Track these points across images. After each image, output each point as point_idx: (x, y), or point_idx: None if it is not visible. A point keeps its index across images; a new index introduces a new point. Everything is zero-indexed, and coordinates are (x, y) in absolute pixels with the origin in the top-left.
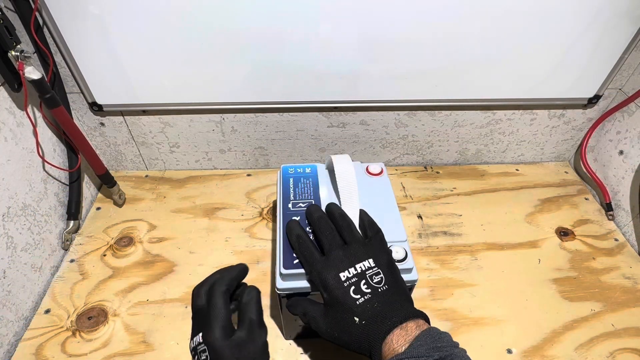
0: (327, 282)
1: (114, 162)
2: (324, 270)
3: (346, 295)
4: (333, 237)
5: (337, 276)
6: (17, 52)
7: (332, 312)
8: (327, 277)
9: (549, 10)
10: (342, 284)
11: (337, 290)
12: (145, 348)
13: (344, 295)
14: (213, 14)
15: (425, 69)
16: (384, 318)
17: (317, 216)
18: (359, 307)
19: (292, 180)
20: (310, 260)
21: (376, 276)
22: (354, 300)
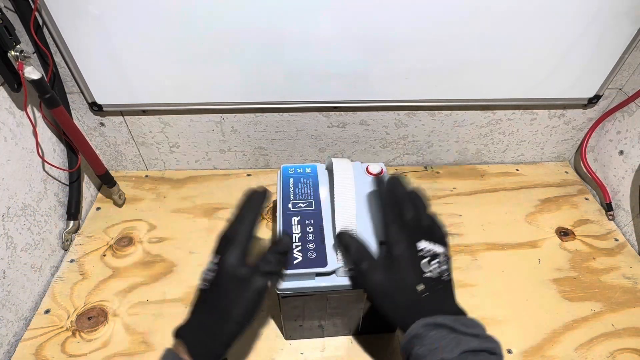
0: (404, 239)
1: (114, 162)
2: (405, 229)
3: (417, 262)
4: (419, 213)
5: (414, 242)
6: (17, 52)
7: (398, 268)
8: (406, 236)
9: (549, 11)
10: (416, 250)
11: (413, 252)
12: (145, 348)
13: (416, 260)
14: (213, 14)
15: (425, 69)
16: (439, 302)
17: (404, 191)
18: (425, 280)
19: (292, 180)
20: (396, 220)
21: (445, 265)
22: (421, 272)
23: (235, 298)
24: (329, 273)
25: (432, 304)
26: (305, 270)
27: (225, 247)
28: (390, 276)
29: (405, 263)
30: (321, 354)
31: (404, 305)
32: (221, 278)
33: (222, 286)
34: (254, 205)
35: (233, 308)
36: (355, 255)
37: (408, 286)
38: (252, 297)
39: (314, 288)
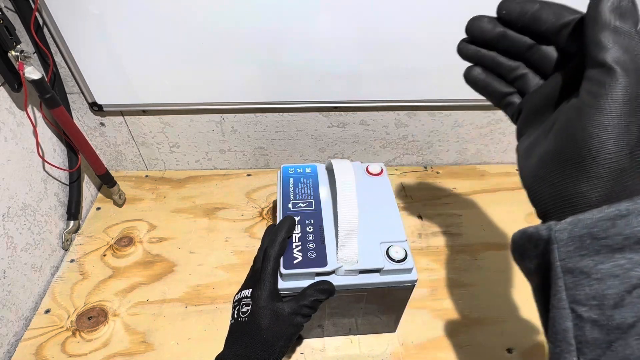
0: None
1: (114, 162)
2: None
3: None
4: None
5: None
6: (17, 52)
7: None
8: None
9: None
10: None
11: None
12: (145, 348)
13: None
14: (213, 14)
15: (425, 69)
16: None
17: None
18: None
19: (292, 180)
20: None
21: (245, 306)
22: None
23: (279, 332)
24: (328, 273)
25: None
26: (305, 270)
27: (258, 283)
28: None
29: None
30: (321, 354)
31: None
32: (260, 312)
33: (262, 320)
34: (278, 238)
35: (276, 342)
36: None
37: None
38: (293, 331)
39: None
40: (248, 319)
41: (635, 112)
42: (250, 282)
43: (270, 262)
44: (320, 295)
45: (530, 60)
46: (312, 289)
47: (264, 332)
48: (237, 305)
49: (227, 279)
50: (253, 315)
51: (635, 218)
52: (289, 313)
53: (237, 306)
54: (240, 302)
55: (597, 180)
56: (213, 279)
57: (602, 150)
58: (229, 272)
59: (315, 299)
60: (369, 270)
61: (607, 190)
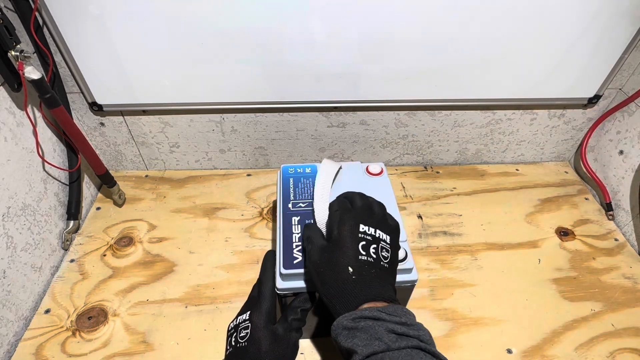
0: (344, 223)
1: (114, 162)
2: (348, 213)
3: (354, 244)
4: (370, 202)
5: (357, 224)
6: (17, 52)
7: (333, 249)
8: (347, 219)
9: (549, 10)
10: (358, 233)
11: (350, 235)
12: (145, 348)
13: (353, 242)
14: (213, 14)
15: (425, 69)
16: (371, 287)
17: (361, 194)
18: (358, 262)
19: (292, 180)
20: (342, 207)
21: (385, 252)
22: (358, 254)
23: (279, 355)
24: None
25: (360, 287)
26: (305, 270)
27: (255, 307)
28: (325, 255)
29: (341, 243)
30: (321, 355)
31: (335, 287)
32: (259, 335)
33: (263, 343)
34: (271, 268)
35: None
36: (307, 239)
37: (339, 266)
38: (292, 351)
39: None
40: (248, 344)
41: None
42: (246, 307)
43: (265, 286)
44: (305, 305)
45: None
46: (297, 302)
47: (264, 355)
48: (234, 332)
49: (227, 279)
50: (253, 338)
51: (337, 339)
52: (284, 331)
53: (234, 333)
54: (237, 328)
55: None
56: (213, 279)
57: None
58: (229, 272)
59: (302, 309)
60: None
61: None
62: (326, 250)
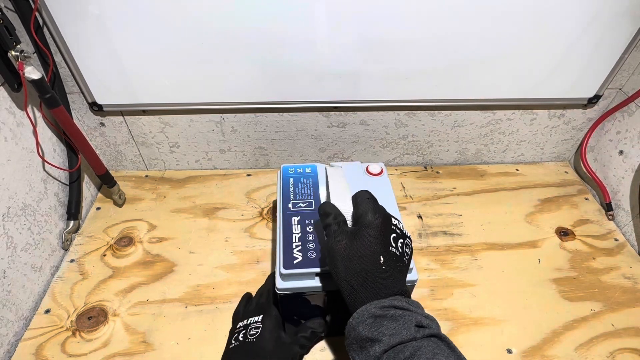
0: (379, 212)
1: (114, 162)
2: (379, 205)
3: (388, 234)
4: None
5: (389, 216)
6: (17, 52)
7: (366, 235)
8: (381, 209)
9: (549, 10)
10: (391, 224)
11: (384, 224)
12: (145, 348)
13: (387, 231)
14: (213, 14)
15: (425, 69)
16: (397, 279)
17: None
18: (388, 253)
19: (292, 180)
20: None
21: (408, 249)
22: (389, 245)
23: (279, 358)
24: (328, 273)
25: (387, 281)
26: (305, 270)
27: (266, 312)
28: (356, 241)
29: (375, 231)
30: (321, 354)
31: (361, 272)
32: (268, 336)
33: (269, 344)
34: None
35: None
36: (330, 219)
37: (372, 253)
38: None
39: (313, 288)
40: (256, 341)
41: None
42: (257, 311)
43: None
44: (317, 329)
45: None
46: (310, 323)
47: (268, 354)
48: (244, 330)
49: (227, 279)
50: (261, 337)
51: (356, 328)
52: (290, 342)
53: (242, 330)
54: (248, 327)
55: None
56: (213, 279)
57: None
58: (229, 272)
59: (312, 331)
60: None
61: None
62: (356, 235)
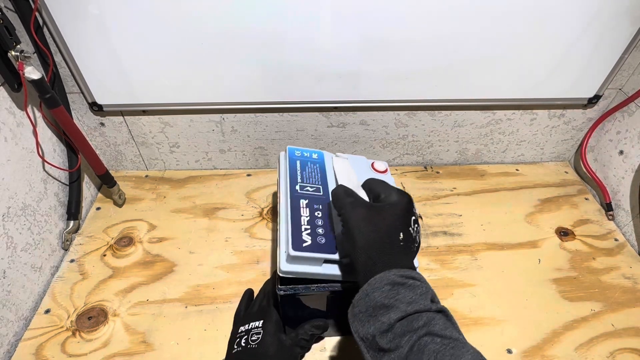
0: (402, 193)
1: (114, 162)
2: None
3: (409, 214)
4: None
5: (412, 201)
6: (17, 52)
7: (389, 210)
8: (403, 192)
9: (549, 10)
10: (412, 207)
11: (407, 204)
12: (145, 348)
13: (409, 211)
14: (213, 14)
15: (425, 69)
16: (411, 258)
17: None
18: (407, 232)
19: (299, 162)
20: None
21: (419, 236)
22: (409, 225)
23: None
24: (336, 261)
25: (402, 257)
26: (314, 254)
27: (267, 316)
28: (379, 214)
29: (400, 209)
30: (321, 354)
31: (381, 244)
32: (269, 340)
33: (270, 348)
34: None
35: None
36: (344, 193)
37: (394, 228)
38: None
39: (319, 275)
40: (258, 346)
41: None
42: (258, 315)
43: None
44: (316, 330)
45: None
46: (310, 325)
47: (270, 358)
48: (245, 335)
49: (227, 279)
50: (263, 342)
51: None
52: (290, 345)
53: (244, 335)
54: (249, 332)
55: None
56: (213, 279)
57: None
58: (229, 272)
59: (312, 333)
60: None
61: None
62: (378, 209)
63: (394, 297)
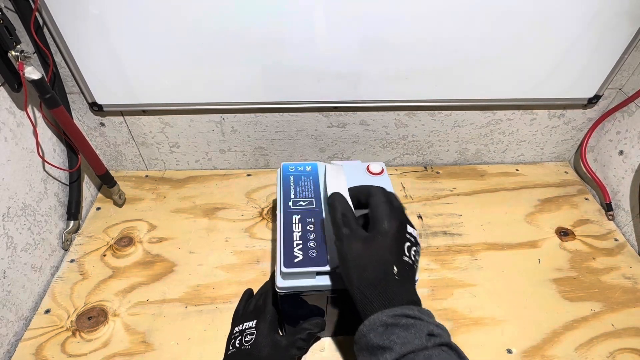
0: (395, 218)
1: (114, 162)
2: (396, 210)
3: (402, 243)
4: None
5: (404, 223)
6: (17, 52)
7: (381, 244)
8: (397, 216)
9: (549, 11)
10: (405, 232)
11: (399, 232)
12: (145, 348)
13: (401, 240)
14: (213, 15)
15: (425, 69)
16: (409, 289)
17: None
18: (401, 262)
19: (292, 178)
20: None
21: (418, 256)
22: (403, 254)
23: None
24: (329, 272)
25: (398, 290)
26: (306, 269)
27: (261, 316)
28: (371, 248)
29: (391, 240)
30: (321, 354)
31: (374, 281)
32: (262, 341)
33: (264, 350)
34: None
35: None
36: (340, 218)
37: (385, 263)
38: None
39: (314, 287)
40: (251, 348)
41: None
42: (253, 315)
43: (270, 298)
44: (313, 329)
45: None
46: (307, 324)
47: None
48: (239, 336)
49: (227, 279)
50: (256, 343)
51: (367, 335)
52: (286, 345)
53: (238, 336)
54: (243, 332)
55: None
56: (213, 279)
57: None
58: (229, 272)
59: (309, 332)
60: None
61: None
62: (370, 242)
63: (389, 339)
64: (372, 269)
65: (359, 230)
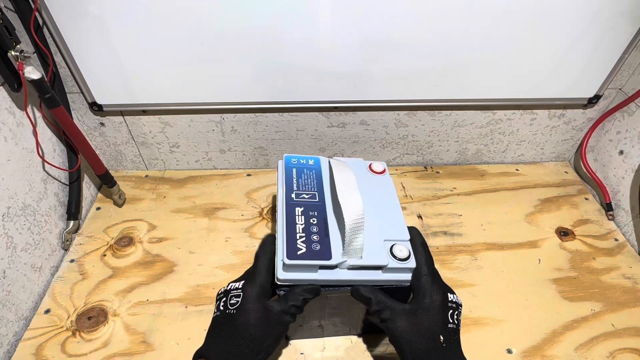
0: (437, 292)
1: (114, 162)
2: (438, 281)
3: (445, 312)
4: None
5: (446, 293)
6: (17, 52)
7: (425, 317)
8: (438, 287)
9: (549, 10)
10: (448, 301)
11: (442, 304)
12: (145, 348)
13: (444, 311)
14: (213, 14)
15: (425, 69)
16: (457, 353)
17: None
18: (447, 330)
19: (295, 170)
20: (430, 267)
21: (459, 316)
22: (447, 322)
23: (267, 330)
24: (332, 266)
25: (448, 354)
26: (309, 262)
27: (249, 278)
28: (414, 321)
29: (435, 312)
30: (321, 354)
31: (424, 352)
32: (249, 306)
33: (251, 315)
34: (269, 247)
35: (264, 340)
36: (376, 306)
37: (432, 334)
38: (281, 330)
39: (316, 281)
40: (236, 312)
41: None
42: (240, 276)
43: (261, 262)
44: (308, 295)
45: None
46: (301, 290)
47: (252, 327)
48: (224, 297)
49: (227, 279)
50: (242, 308)
51: None
52: (279, 311)
53: (223, 297)
54: (228, 293)
55: None
56: (213, 279)
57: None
58: (229, 272)
59: (304, 298)
60: (373, 266)
61: None
62: (414, 315)
63: None
64: (420, 342)
65: (398, 307)
